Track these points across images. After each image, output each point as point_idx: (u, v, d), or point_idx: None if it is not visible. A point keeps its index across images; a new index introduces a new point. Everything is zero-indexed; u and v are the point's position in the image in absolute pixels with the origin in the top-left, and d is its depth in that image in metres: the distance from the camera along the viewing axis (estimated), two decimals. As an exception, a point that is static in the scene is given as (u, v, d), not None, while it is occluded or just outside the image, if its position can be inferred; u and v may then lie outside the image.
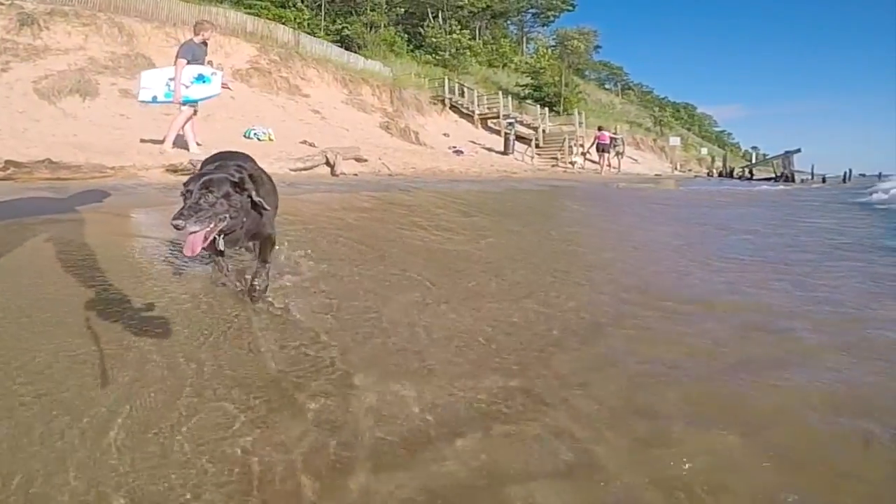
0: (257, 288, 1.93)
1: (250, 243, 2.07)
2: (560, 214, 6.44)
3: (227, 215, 1.70)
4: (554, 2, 41.89)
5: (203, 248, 1.66)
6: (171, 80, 6.24)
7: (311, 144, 10.07)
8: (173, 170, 5.02)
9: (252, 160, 2.20)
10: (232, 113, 11.04)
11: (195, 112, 6.56)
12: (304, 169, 6.84)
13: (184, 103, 6.25)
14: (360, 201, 4.97)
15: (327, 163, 7.38)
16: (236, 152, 2.28)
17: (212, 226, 1.65)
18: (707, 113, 75.82)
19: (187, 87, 6.18)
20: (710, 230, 5.22)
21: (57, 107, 8.69)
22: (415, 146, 15.22)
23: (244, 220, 1.79)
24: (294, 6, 24.75)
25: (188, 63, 6.18)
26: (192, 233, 1.60)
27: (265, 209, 1.84)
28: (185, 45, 6.35)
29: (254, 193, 1.79)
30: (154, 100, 6.38)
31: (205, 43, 6.48)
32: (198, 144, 6.67)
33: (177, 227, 1.58)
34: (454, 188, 7.44)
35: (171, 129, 6.44)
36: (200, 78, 6.28)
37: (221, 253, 1.97)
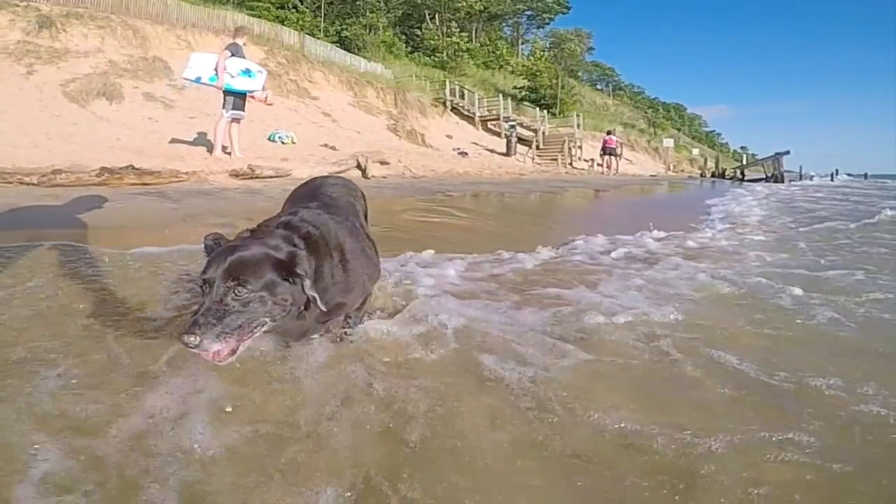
0: (348, 336, 1.59)
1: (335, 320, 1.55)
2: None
3: (268, 318, 1.18)
4: (549, 4, 42.55)
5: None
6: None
7: (332, 148, 10.40)
8: (235, 174, 5.35)
9: (346, 190, 1.83)
10: (251, 116, 11.23)
11: (239, 120, 6.97)
12: (340, 172, 7.16)
13: (226, 91, 6.62)
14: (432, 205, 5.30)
15: (358, 166, 7.71)
16: (328, 179, 1.87)
17: (247, 335, 1.15)
18: (697, 113, 77.26)
19: (233, 76, 6.61)
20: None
21: (87, 110, 8.90)
22: (423, 148, 15.56)
23: (306, 311, 1.27)
24: (295, 8, 24.92)
25: (231, 56, 6.64)
26: (214, 351, 1.10)
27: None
28: (230, 44, 6.90)
29: (307, 284, 1.20)
30: (198, 80, 6.72)
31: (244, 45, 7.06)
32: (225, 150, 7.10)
33: (188, 346, 1.06)
34: (484, 189, 7.92)
35: (216, 138, 6.91)
36: (247, 72, 6.77)
37: None
